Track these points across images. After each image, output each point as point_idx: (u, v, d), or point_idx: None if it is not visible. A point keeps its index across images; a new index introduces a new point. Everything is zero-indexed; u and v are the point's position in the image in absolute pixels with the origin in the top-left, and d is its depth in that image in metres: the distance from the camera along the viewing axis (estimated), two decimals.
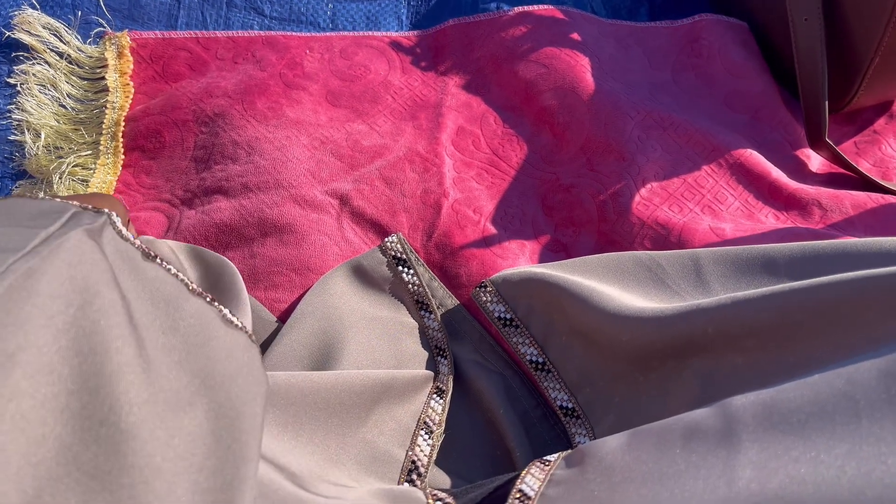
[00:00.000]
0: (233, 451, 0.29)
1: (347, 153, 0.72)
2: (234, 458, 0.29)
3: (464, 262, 0.65)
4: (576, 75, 0.75)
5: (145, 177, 0.72)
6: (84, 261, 0.29)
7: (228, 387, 0.31)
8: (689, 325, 0.46)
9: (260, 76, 0.75)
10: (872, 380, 0.33)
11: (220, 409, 0.30)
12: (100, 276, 0.29)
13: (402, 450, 0.52)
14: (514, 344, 0.59)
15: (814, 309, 0.41)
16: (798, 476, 0.30)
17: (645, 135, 0.72)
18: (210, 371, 0.31)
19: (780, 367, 0.42)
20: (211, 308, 0.35)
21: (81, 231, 0.31)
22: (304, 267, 0.64)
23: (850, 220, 0.68)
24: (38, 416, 0.24)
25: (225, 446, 0.29)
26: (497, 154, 0.74)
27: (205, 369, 0.31)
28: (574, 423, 0.55)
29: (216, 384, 0.31)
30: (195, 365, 0.31)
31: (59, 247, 0.28)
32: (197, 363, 0.31)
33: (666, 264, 0.56)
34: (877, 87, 0.75)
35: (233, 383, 0.32)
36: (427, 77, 0.80)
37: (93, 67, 0.76)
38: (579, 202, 0.70)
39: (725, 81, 0.80)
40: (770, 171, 0.71)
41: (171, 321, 0.32)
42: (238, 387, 0.32)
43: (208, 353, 0.32)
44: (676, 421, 0.38)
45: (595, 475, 0.38)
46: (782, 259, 0.50)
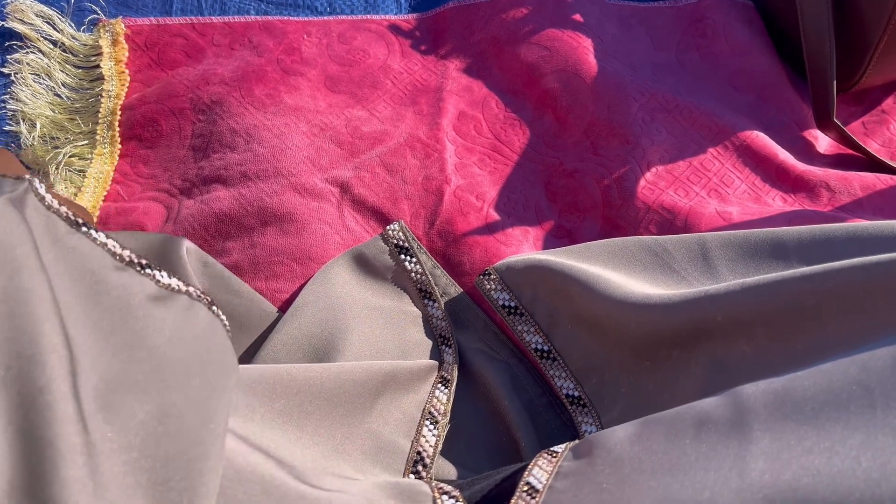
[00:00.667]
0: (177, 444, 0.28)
1: (347, 140, 0.71)
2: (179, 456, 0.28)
3: (467, 249, 0.64)
4: (578, 57, 0.74)
5: (143, 166, 0.71)
6: (8, 231, 0.27)
7: (160, 356, 0.30)
8: (697, 311, 0.46)
9: (257, 62, 0.74)
10: (887, 368, 0.32)
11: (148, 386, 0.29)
12: (25, 248, 0.28)
13: (408, 440, 0.51)
14: (519, 332, 0.58)
15: (825, 295, 0.40)
16: (812, 467, 0.29)
17: (649, 117, 0.71)
18: (138, 345, 0.29)
19: (791, 354, 0.41)
20: (138, 277, 0.32)
21: (4, 200, 0.29)
22: (305, 256, 0.63)
23: (858, 201, 0.67)
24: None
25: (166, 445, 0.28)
26: (499, 139, 0.73)
27: (132, 345, 0.29)
28: (580, 412, 0.54)
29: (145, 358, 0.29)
30: (121, 341, 0.29)
31: None
32: (124, 339, 0.29)
33: (672, 249, 0.55)
34: (885, 66, 0.73)
35: (165, 352, 0.30)
36: (427, 61, 0.78)
37: (87, 55, 0.75)
38: (583, 187, 0.69)
39: (731, 61, 0.78)
40: (777, 153, 0.70)
41: (94, 295, 0.30)
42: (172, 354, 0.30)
43: (137, 328, 0.30)
44: (686, 410, 0.37)
45: (604, 467, 0.37)
46: (792, 243, 0.50)
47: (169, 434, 0.28)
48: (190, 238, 0.64)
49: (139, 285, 0.32)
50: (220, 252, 0.64)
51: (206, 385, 0.31)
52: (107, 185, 0.69)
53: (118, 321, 0.30)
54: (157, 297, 0.32)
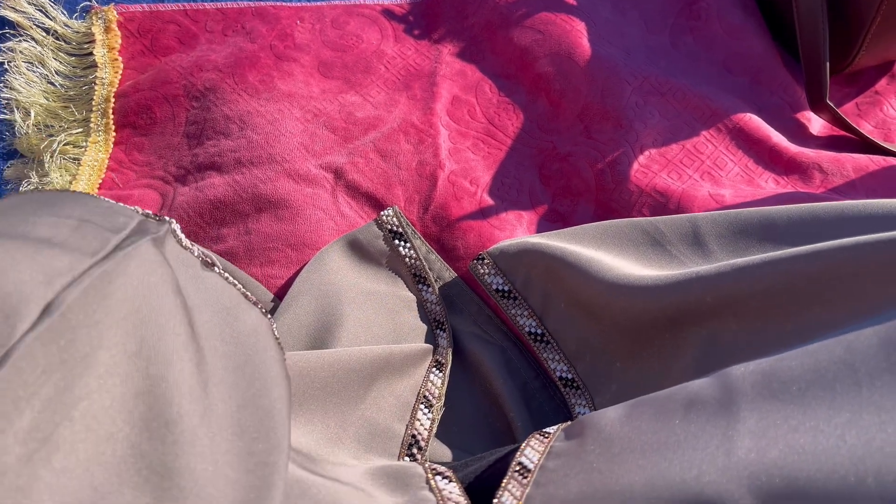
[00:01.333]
0: (271, 456, 0.30)
1: (341, 125, 0.71)
2: (272, 463, 0.30)
3: (461, 234, 0.64)
4: (571, 41, 0.74)
5: (137, 154, 0.71)
6: (152, 270, 0.30)
7: (272, 392, 0.33)
8: (687, 293, 0.46)
9: (250, 48, 0.74)
10: (873, 347, 0.32)
11: (265, 413, 0.31)
12: (165, 284, 0.31)
13: (402, 424, 0.52)
14: (513, 316, 0.59)
15: (814, 275, 0.41)
16: (797, 445, 0.30)
17: (643, 101, 0.71)
18: (261, 378, 0.33)
19: (780, 335, 0.41)
20: (265, 319, 0.36)
21: (149, 240, 0.32)
22: (300, 242, 0.63)
23: (851, 183, 0.67)
24: (107, 416, 0.25)
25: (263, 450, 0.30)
26: (493, 123, 0.73)
27: (258, 376, 0.33)
28: (574, 394, 0.55)
29: (265, 390, 0.32)
30: (249, 374, 0.32)
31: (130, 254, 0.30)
32: (253, 370, 0.33)
33: (664, 228, 0.55)
34: (878, 47, 0.73)
35: (276, 388, 0.33)
36: (420, 45, 0.78)
37: (80, 43, 0.75)
38: (577, 171, 0.69)
39: (725, 44, 0.78)
40: (770, 136, 0.70)
41: (230, 330, 0.34)
42: (276, 393, 0.33)
43: (261, 362, 0.33)
44: (676, 391, 0.38)
45: (594, 446, 0.38)
46: (782, 221, 0.50)
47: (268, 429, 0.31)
48: (185, 225, 0.64)
49: (266, 325, 0.36)
50: (215, 238, 0.64)
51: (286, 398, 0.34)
52: (101, 172, 0.69)
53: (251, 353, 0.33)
54: (275, 337, 0.36)
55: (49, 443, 0.23)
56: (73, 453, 0.23)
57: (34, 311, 0.24)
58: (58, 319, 0.25)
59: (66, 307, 0.25)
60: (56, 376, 0.24)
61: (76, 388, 0.24)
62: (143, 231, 0.34)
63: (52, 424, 0.23)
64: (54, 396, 0.23)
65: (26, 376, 0.23)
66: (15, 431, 0.22)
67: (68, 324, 0.25)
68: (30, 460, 0.22)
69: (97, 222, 0.32)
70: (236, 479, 0.28)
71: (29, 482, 0.22)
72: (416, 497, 0.38)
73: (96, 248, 0.29)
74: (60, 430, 0.23)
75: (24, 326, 0.24)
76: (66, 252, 0.28)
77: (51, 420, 0.23)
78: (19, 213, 0.30)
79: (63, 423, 0.23)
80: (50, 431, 0.23)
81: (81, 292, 0.26)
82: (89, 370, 0.25)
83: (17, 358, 0.23)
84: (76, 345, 0.25)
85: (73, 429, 0.24)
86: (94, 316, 0.26)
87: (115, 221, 0.33)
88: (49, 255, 0.27)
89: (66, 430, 0.23)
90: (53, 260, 0.27)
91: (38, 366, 0.23)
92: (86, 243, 0.29)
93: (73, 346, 0.25)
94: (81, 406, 0.24)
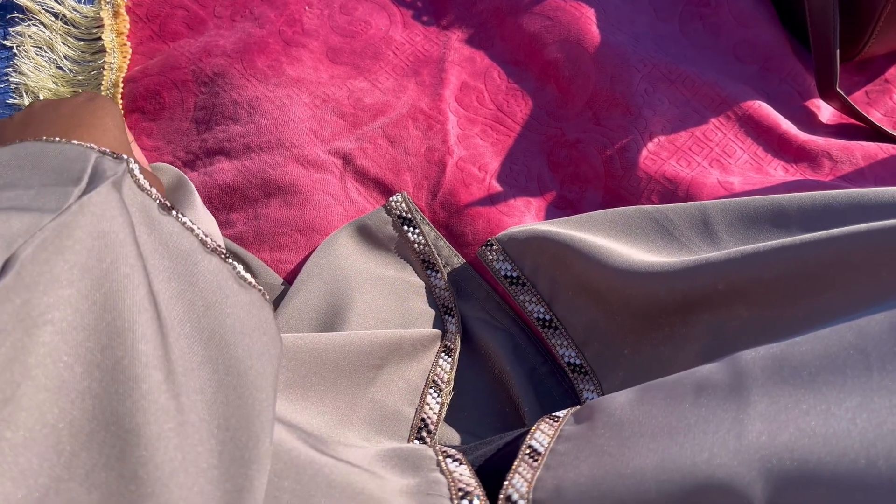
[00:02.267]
0: (242, 409, 0.29)
1: (349, 111, 0.71)
2: (244, 415, 0.29)
3: (469, 220, 0.65)
4: (581, 27, 0.73)
5: (146, 139, 0.71)
6: (110, 217, 0.29)
7: (239, 344, 0.31)
8: (698, 279, 0.46)
9: (259, 34, 0.74)
10: (884, 332, 0.32)
11: (229, 367, 0.30)
12: (124, 232, 0.29)
13: (412, 408, 0.52)
14: (521, 302, 0.59)
15: (825, 261, 0.41)
16: (808, 429, 0.30)
17: (652, 88, 0.71)
18: (222, 329, 0.31)
19: (790, 320, 0.42)
20: (225, 265, 0.35)
21: (108, 185, 0.31)
22: (309, 227, 0.63)
23: (860, 171, 0.67)
24: (71, 373, 0.24)
25: (234, 405, 0.29)
26: (502, 110, 0.73)
27: (219, 328, 0.31)
28: (582, 380, 0.55)
29: (228, 343, 0.31)
30: (210, 323, 0.31)
31: (85, 204, 0.29)
32: (212, 321, 0.31)
33: (673, 216, 0.55)
34: (889, 35, 0.73)
35: (245, 341, 0.32)
36: (429, 32, 0.78)
37: (88, 28, 0.75)
38: (585, 158, 0.69)
39: (734, 31, 0.78)
40: (779, 123, 0.70)
41: (187, 277, 0.32)
42: (250, 345, 0.32)
43: (223, 311, 0.32)
44: (686, 376, 0.38)
45: (604, 430, 0.38)
46: (792, 209, 0.50)
47: (233, 387, 0.30)
48: None
49: (227, 271, 0.34)
50: (224, 224, 0.64)
51: (264, 353, 0.33)
52: None
53: (210, 303, 0.32)
54: (241, 285, 0.34)
55: (11, 403, 0.22)
56: (37, 413, 0.23)
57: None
58: (12, 278, 0.24)
59: (20, 265, 0.25)
60: (14, 336, 0.23)
61: (36, 346, 0.24)
62: (100, 174, 0.32)
63: (13, 385, 0.23)
64: (13, 356, 0.23)
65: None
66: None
67: (23, 282, 0.24)
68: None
69: (55, 180, 0.31)
70: (207, 433, 0.27)
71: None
72: (426, 479, 0.39)
73: (57, 205, 0.28)
74: (23, 390, 0.23)
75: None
76: (28, 215, 0.27)
77: (11, 380, 0.23)
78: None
79: (24, 383, 0.23)
80: (11, 392, 0.22)
81: (36, 247, 0.25)
82: (48, 326, 0.24)
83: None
84: (33, 302, 0.24)
85: (35, 387, 0.23)
86: (52, 271, 0.25)
87: (72, 170, 0.32)
88: (10, 223, 0.26)
89: (29, 388, 0.23)
90: (15, 224, 0.26)
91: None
92: (46, 202, 0.29)
93: (29, 304, 0.24)
94: (44, 364, 0.24)
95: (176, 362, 0.28)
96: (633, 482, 0.33)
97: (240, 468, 0.28)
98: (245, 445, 0.28)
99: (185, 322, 0.30)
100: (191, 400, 0.28)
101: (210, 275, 0.33)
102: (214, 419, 0.28)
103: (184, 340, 0.30)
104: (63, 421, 0.24)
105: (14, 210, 0.27)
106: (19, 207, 0.28)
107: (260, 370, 0.31)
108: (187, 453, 0.26)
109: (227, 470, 0.27)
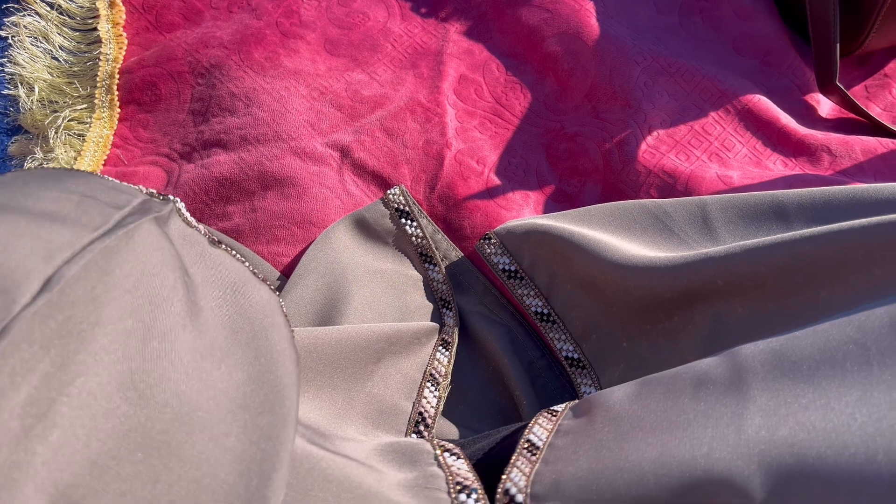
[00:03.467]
0: (272, 440, 0.30)
1: (347, 103, 0.71)
2: (273, 449, 0.30)
3: (467, 213, 0.64)
4: (580, 20, 0.73)
5: (142, 130, 0.70)
6: (154, 247, 0.30)
7: (278, 368, 0.33)
8: (697, 273, 0.46)
9: (256, 25, 0.73)
10: (884, 327, 0.32)
11: (266, 397, 0.31)
12: (166, 262, 0.31)
13: (409, 402, 0.52)
14: (519, 296, 0.59)
15: (825, 256, 0.40)
16: (808, 423, 0.30)
17: (651, 81, 0.71)
18: (267, 354, 0.33)
19: (789, 315, 0.41)
20: (274, 296, 0.36)
21: (151, 219, 0.32)
22: (306, 220, 0.63)
23: (859, 165, 0.67)
24: (104, 392, 0.25)
25: (266, 435, 0.30)
26: (500, 103, 0.73)
27: (264, 354, 0.33)
28: (580, 374, 0.55)
29: (270, 367, 0.32)
30: (256, 349, 0.32)
31: (131, 231, 0.30)
32: (258, 347, 0.33)
33: (672, 211, 0.55)
34: (888, 29, 0.73)
35: (283, 370, 0.33)
36: (427, 24, 0.78)
37: (84, 18, 0.74)
38: (584, 151, 0.69)
39: (734, 25, 0.78)
40: (779, 117, 0.69)
41: (237, 306, 0.34)
42: (286, 375, 0.33)
43: (269, 338, 0.33)
44: (685, 370, 0.38)
45: (603, 424, 0.38)
46: (792, 205, 0.50)
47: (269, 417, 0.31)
48: (190, 202, 0.64)
49: (276, 302, 0.36)
50: (221, 216, 0.64)
51: (294, 383, 0.34)
52: (106, 149, 0.69)
53: (258, 331, 0.33)
54: (285, 316, 0.36)
55: (46, 418, 0.23)
56: (70, 429, 0.24)
57: (34, 286, 0.24)
58: (56, 295, 0.25)
59: (65, 283, 0.25)
60: (53, 352, 0.24)
61: (73, 364, 0.24)
62: (145, 210, 0.34)
63: (48, 400, 0.23)
64: (51, 372, 0.23)
65: (24, 352, 0.23)
66: (11, 407, 0.22)
67: (66, 299, 0.25)
68: (26, 436, 0.22)
69: (100, 198, 0.32)
70: (241, 451, 0.28)
71: (25, 457, 0.22)
72: (424, 473, 0.39)
73: (98, 224, 0.29)
74: (57, 406, 0.23)
75: (24, 301, 0.24)
76: (67, 227, 0.28)
77: (47, 396, 0.23)
78: (22, 187, 0.30)
79: (60, 399, 0.23)
80: (47, 407, 0.23)
81: (81, 268, 0.26)
82: (86, 346, 0.25)
83: (15, 333, 0.23)
84: (74, 321, 0.25)
85: (70, 404, 0.24)
86: (93, 292, 0.26)
87: (118, 199, 0.33)
88: (50, 230, 0.27)
89: (64, 405, 0.23)
90: (54, 235, 0.27)
91: (36, 341, 0.23)
92: (87, 218, 0.29)
93: (70, 322, 0.25)
94: (78, 382, 0.24)
95: (216, 384, 0.29)
96: (631, 476, 0.33)
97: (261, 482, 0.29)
98: (270, 469, 0.29)
99: (236, 346, 0.32)
100: (227, 425, 0.29)
101: (259, 305, 0.35)
102: (248, 435, 0.29)
103: (230, 363, 0.31)
104: (96, 439, 0.24)
105: (56, 218, 0.28)
106: (61, 216, 0.28)
107: (292, 389, 0.32)
108: (221, 472, 0.27)
109: (248, 484, 0.28)
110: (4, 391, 0.22)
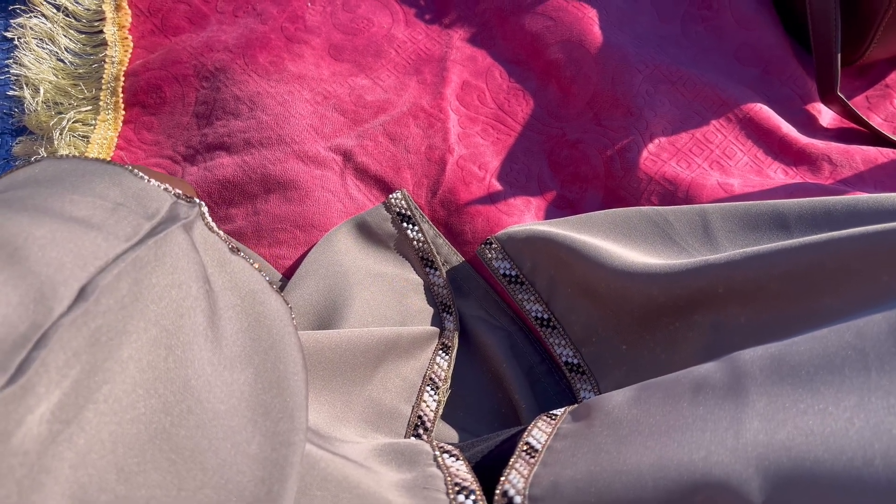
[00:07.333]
0: (282, 448, 0.31)
1: (350, 108, 0.71)
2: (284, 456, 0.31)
3: (469, 218, 0.65)
4: (583, 28, 0.73)
5: (146, 133, 0.71)
6: (182, 257, 0.32)
7: (293, 375, 0.33)
8: (698, 281, 0.46)
9: (261, 30, 0.74)
10: (882, 333, 0.32)
11: (283, 404, 0.32)
12: (192, 272, 0.32)
13: (409, 406, 0.52)
14: (520, 301, 0.59)
15: (824, 264, 0.41)
16: (806, 427, 0.30)
17: (653, 89, 0.71)
18: (283, 362, 0.33)
19: (789, 321, 0.42)
20: (285, 305, 0.37)
21: (180, 227, 0.33)
22: (309, 223, 0.63)
23: (860, 175, 0.67)
24: (130, 399, 0.26)
25: (279, 444, 0.31)
26: (503, 109, 0.73)
27: (280, 361, 0.33)
28: (579, 379, 0.55)
29: (286, 374, 0.33)
30: (274, 357, 0.33)
31: (161, 243, 0.31)
32: (276, 355, 0.33)
33: (673, 220, 0.55)
34: (889, 40, 0.73)
35: (295, 372, 0.34)
36: (431, 30, 0.78)
37: (90, 21, 0.75)
38: (586, 158, 0.69)
39: (736, 34, 0.78)
40: (780, 126, 0.70)
41: (255, 313, 0.35)
42: (298, 376, 0.34)
43: (285, 346, 0.34)
44: (684, 375, 0.38)
45: (602, 428, 0.38)
46: (792, 215, 0.50)
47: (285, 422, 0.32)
48: None
49: (287, 311, 0.37)
50: (223, 219, 0.64)
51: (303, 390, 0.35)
52: (110, 151, 0.69)
53: (276, 340, 0.34)
54: (294, 325, 0.37)
55: (73, 424, 0.23)
56: (96, 434, 0.24)
57: (70, 293, 0.25)
58: (92, 304, 0.25)
59: (100, 292, 0.26)
60: (84, 359, 0.24)
61: (101, 372, 0.25)
62: (174, 216, 0.35)
63: (77, 407, 0.24)
64: (81, 379, 0.24)
65: (59, 358, 0.24)
66: (42, 412, 0.23)
67: (99, 308, 0.26)
68: (54, 440, 0.23)
69: (132, 207, 0.33)
70: (263, 458, 0.29)
71: (52, 461, 0.22)
72: (423, 474, 0.39)
73: (130, 234, 0.30)
74: (85, 412, 0.24)
75: (61, 309, 0.25)
76: (102, 235, 0.29)
77: (76, 402, 0.24)
78: (60, 187, 0.31)
79: (87, 406, 0.24)
80: (75, 413, 0.24)
81: (114, 277, 0.27)
82: (114, 354, 0.25)
83: (54, 341, 0.24)
84: (104, 329, 0.25)
85: (97, 410, 0.24)
86: (123, 301, 0.27)
87: (149, 207, 0.34)
88: (85, 238, 0.28)
89: (90, 411, 0.24)
90: (89, 242, 0.28)
91: (70, 348, 0.24)
92: (120, 228, 0.30)
93: (101, 331, 0.25)
94: (105, 389, 0.25)
95: (239, 391, 0.30)
96: (630, 479, 0.33)
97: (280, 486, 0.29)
98: (288, 474, 0.30)
99: (256, 354, 0.33)
100: (250, 432, 0.29)
101: (275, 313, 0.36)
102: (269, 441, 0.30)
103: (251, 371, 0.32)
104: (122, 444, 0.25)
105: (91, 225, 0.29)
106: (96, 223, 0.30)
107: (303, 396, 0.33)
108: (243, 478, 0.28)
109: (270, 490, 0.29)
110: (41, 397, 0.23)
